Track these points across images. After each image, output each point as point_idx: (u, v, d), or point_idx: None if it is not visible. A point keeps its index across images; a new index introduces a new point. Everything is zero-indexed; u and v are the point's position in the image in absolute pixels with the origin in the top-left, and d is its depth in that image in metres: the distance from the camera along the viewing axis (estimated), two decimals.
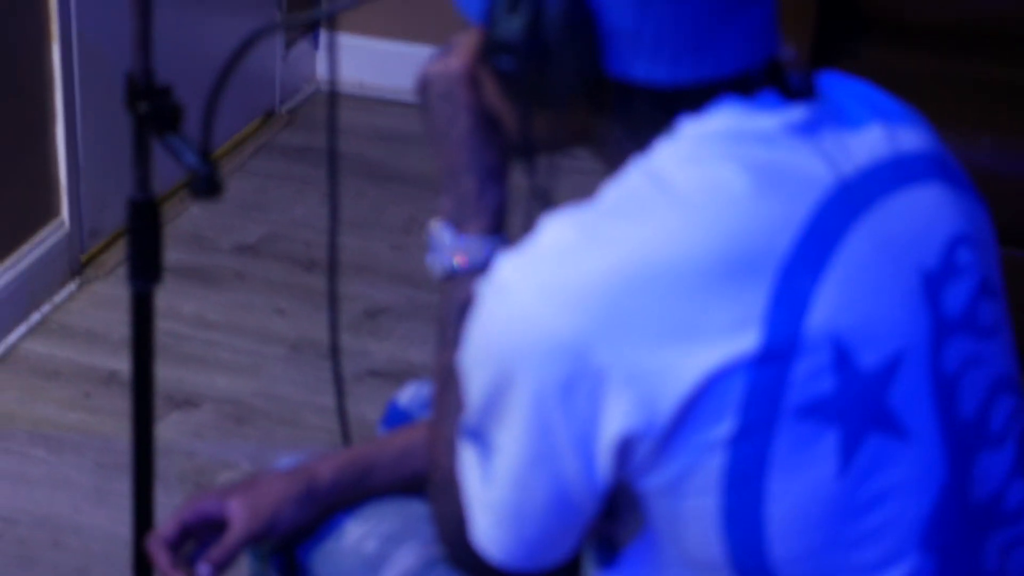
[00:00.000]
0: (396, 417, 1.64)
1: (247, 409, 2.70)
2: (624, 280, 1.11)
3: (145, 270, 1.50)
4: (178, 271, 3.04)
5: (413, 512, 1.48)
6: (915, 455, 1.17)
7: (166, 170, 3.56)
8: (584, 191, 1.18)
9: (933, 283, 1.20)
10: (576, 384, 1.11)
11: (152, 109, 1.41)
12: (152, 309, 1.51)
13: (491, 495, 1.20)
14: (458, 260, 1.33)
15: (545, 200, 1.26)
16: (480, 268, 1.31)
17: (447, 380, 1.31)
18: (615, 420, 1.11)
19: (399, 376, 2.68)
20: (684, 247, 1.12)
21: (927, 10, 3.20)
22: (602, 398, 1.11)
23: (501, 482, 1.18)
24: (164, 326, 1.48)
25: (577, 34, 1.15)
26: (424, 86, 1.33)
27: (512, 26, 1.16)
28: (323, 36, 3.96)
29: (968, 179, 1.30)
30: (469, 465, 1.22)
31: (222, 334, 2.91)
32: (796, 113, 1.19)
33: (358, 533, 1.48)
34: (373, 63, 3.81)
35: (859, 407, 1.14)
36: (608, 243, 1.13)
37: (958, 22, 3.21)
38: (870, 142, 1.22)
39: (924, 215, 1.22)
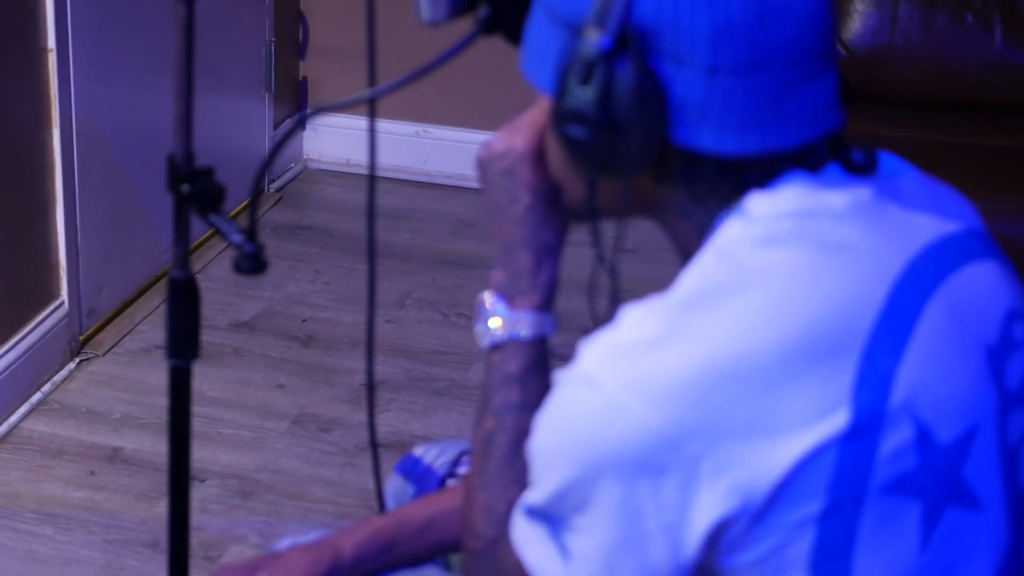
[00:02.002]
0: (420, 473, 1.66)
1: (252, 484, 2.73)
2: (713, 374, 1.11)
3: (184, 347, 1.52)
4: None
5: None
6: (986, 525, 1.20)
7: (158, 250, 3.57)
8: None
9: (996, 358, 1.22)
10: (667, 475, 1.11)
11: (195, 190, 1.44)
12: (190, 386, 1.53)
13: (578, 571, 1.18)
14: (508, 332, 1.34)
15: (610, 270, 1.28)
16: (528, 342, 1.34)
17: (487, 449, 1.32)
18: (709, 508, 1.12)
19: (400, 447, 2.70)
20: (769, 335, 1.13)
21: (908, 84, 3.32)
22: (695, 487, 1.11)
23: (587, 560, 1.17)
24: (164, 403, 1.51)
25: (647, 105, 1.16)
26: (486, 162, 1.34)
27: (584, 96, 1.17)
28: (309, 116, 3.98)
29: (1004, 252, 1.32)
30: (536, 540, 1.21)
31: (223, 410, 2.94)
32: (863, 191, 1.21)
33: None
34: (359, 141, 3.84)
35: (938, 481, 1.16)
36: (693, 336, 1.13)
37: (937, 95, 3.34)
38: (929, 220, 1.24)
39: (984, 291, 1.24)
